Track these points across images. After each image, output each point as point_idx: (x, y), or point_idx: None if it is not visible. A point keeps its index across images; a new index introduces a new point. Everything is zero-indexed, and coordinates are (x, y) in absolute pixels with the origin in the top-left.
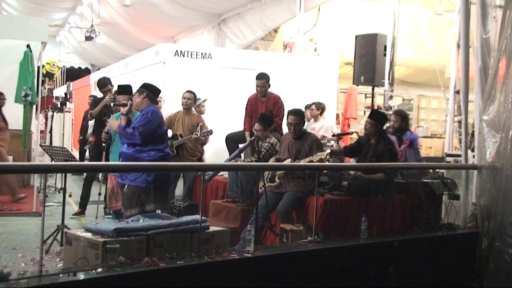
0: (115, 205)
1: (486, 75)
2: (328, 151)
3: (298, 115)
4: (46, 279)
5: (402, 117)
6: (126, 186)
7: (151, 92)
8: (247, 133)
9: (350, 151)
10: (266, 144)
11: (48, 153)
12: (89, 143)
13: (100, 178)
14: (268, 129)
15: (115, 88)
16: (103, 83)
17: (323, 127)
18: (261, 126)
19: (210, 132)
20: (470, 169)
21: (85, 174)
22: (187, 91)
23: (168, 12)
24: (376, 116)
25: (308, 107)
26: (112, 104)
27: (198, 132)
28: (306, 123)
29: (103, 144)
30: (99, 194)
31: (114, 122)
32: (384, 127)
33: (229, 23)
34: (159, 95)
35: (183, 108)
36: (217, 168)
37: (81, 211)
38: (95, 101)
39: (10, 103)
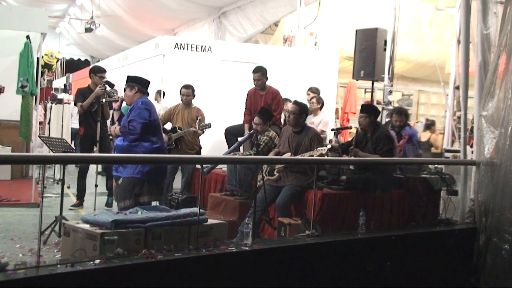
0: None
1: (486, 71)
2: (329, 146)
3: (299, 106)
4: (44, 270)
5: (406, 115)
6: (120, 178)
7: (141, 85)
8: (246, 126)
9: (347, 148)
10: (265, 137)
11: (47, 144)
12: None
13: (97, 170)
14: (267, 123)
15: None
16: (99, 69)
17: (322, 121)
18: (260, 119)
19: (208, 126)
20: (469, 165)
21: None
22: (184, 87)
23: (168, 4)
24: (367, 108)
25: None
26: (104, 100)
27: (196, 125)
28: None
29: (111, 137)
30: (96, 186)
31: (113, 128)
32: (383, 123)
33: (229, 16)
34: (159, 89)
35: (183, 103)
36: (216, 161)
37: (79, 203)
38: (82, 92)
39: (10, 94)
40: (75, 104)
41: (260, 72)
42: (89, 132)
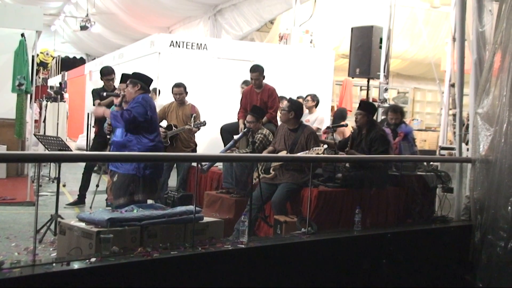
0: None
1: (481, 68)
2: (326, 146)
3: (289, 103)
4: (39, 269)
5: (402, 113)
6: (116, 175)
7: (144, 82)
8: (241, 121)
9: (344, 146)
10: (259, 135)
11: (42, 143)
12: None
13: (96, 170)
14: (260, 121)
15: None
16: (107, 71)
17: (318, 119)
18: (253, 117)
19: (203, 124)
20: (464, 162)
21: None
22: (175, 86)
23: (164, 2)
24: (366, 106)
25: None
26: (105, 93)
27: (191, 123)
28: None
29: (108, 136)
30: (97, 186)
31: (99, 109)
32: (378, 121)
33: (225, 14)
34: (154, 87)
35: (176, 102)
36: (211, 159)
37: (80, 200)
38: (96, 92)
39: (5, 92)
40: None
41: (258, 72)
42: (102, 132)
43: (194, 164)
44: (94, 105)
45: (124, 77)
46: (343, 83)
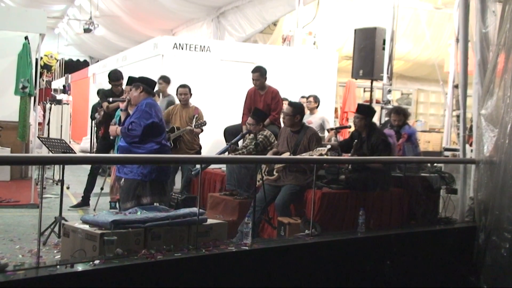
0: (116, 196)
1: (485, 69)
2: (329, 146)
3: (292, 107)
4: (43, 271)
5: (405, 114)
6: (122, 179)
7: (147, 85)
8: (244, 127)
9: (345, 146)
10: (260, 136)
11: (46, 145)
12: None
13: (101, 172)
14: (260, 124)
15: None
16: (116, 77)
17: (324, 120)
18: (253, 120)
19: (204, 123)
20: (468, 164)
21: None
22: (181, 86)
23: (167, 4)
24: (363, 109)
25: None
26: (111, 99)
27: (193, 124)
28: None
29: (111, 137)
30: (102, 189)
31: (113, 128)
32: (382, 122)
33: (228, 16)
34: (157, 89)
35: (181, 103)
36: (215, 161)
37: (84, 202)
38: (104, 93)
39: (9, 95)
40: (100, 106)
41: (258, 72)
42: (107, 134)
43: (198, 166)
44: (102, 107)
45: (130, 80)
46: (347, 85)
